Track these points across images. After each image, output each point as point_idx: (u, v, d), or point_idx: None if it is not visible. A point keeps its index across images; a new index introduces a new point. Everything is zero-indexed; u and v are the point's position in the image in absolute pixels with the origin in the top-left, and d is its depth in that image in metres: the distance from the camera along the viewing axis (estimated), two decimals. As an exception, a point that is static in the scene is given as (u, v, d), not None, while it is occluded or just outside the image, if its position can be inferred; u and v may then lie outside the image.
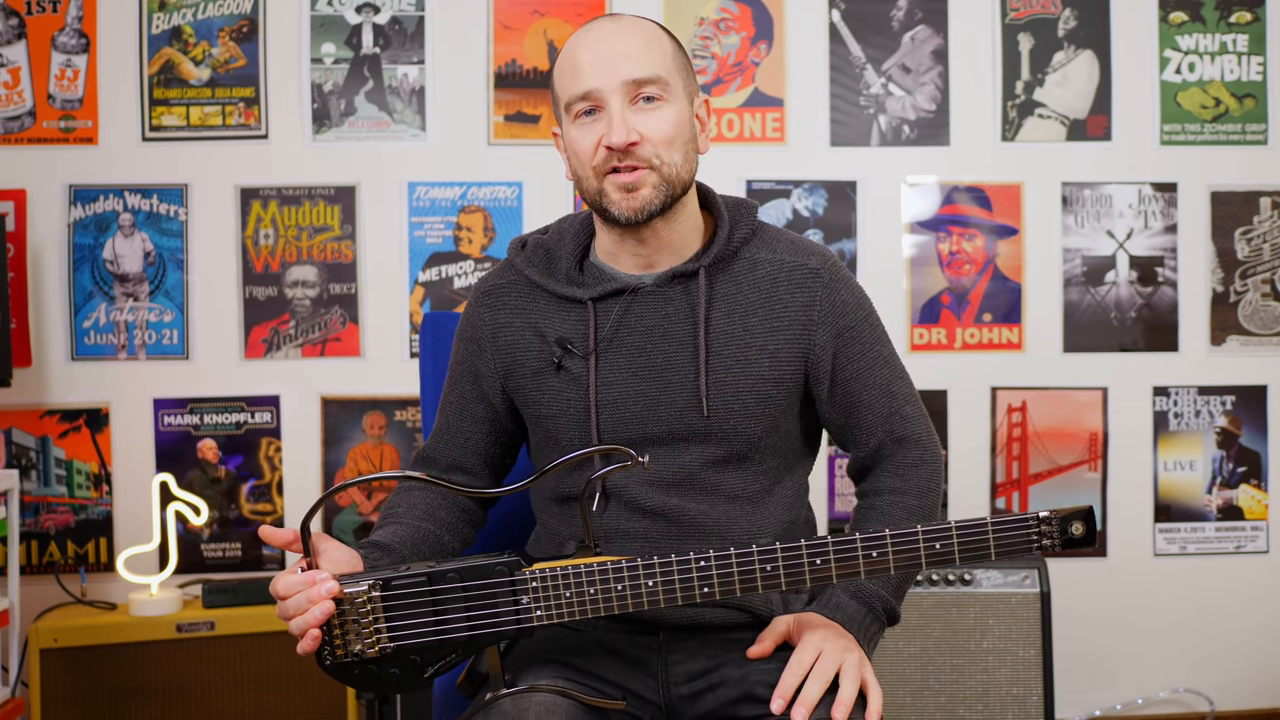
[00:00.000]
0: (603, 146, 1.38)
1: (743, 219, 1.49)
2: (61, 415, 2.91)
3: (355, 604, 1.28)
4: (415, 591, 1.28)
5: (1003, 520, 1.24)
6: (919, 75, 3.08)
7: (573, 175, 1.45)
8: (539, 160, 2.99)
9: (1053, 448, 3.10)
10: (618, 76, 1.37)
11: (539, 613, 1.28)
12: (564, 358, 1.45)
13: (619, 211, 1.39)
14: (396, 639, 1.28)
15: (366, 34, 2.99)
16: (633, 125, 1.37)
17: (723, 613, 1.44)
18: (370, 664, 1.29)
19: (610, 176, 1.39)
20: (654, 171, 1.38)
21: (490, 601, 1.28)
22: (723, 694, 1.40)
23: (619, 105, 1.37)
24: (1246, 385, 3.13)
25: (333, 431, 2.98)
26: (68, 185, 2.92)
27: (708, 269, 1.45)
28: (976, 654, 2.60)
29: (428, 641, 1.28)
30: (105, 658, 2.57)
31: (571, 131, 1.42)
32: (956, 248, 3.09)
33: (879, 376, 1.49)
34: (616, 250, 1.47)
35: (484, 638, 1.28)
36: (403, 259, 3.00)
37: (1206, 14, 3.11)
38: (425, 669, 1.29)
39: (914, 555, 1.25)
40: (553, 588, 1.28)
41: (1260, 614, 3.12)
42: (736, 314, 1.44)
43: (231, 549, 2.96)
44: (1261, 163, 3.12)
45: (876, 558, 1.25)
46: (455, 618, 1.28)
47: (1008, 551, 1.24)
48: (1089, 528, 1.23)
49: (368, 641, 1.28)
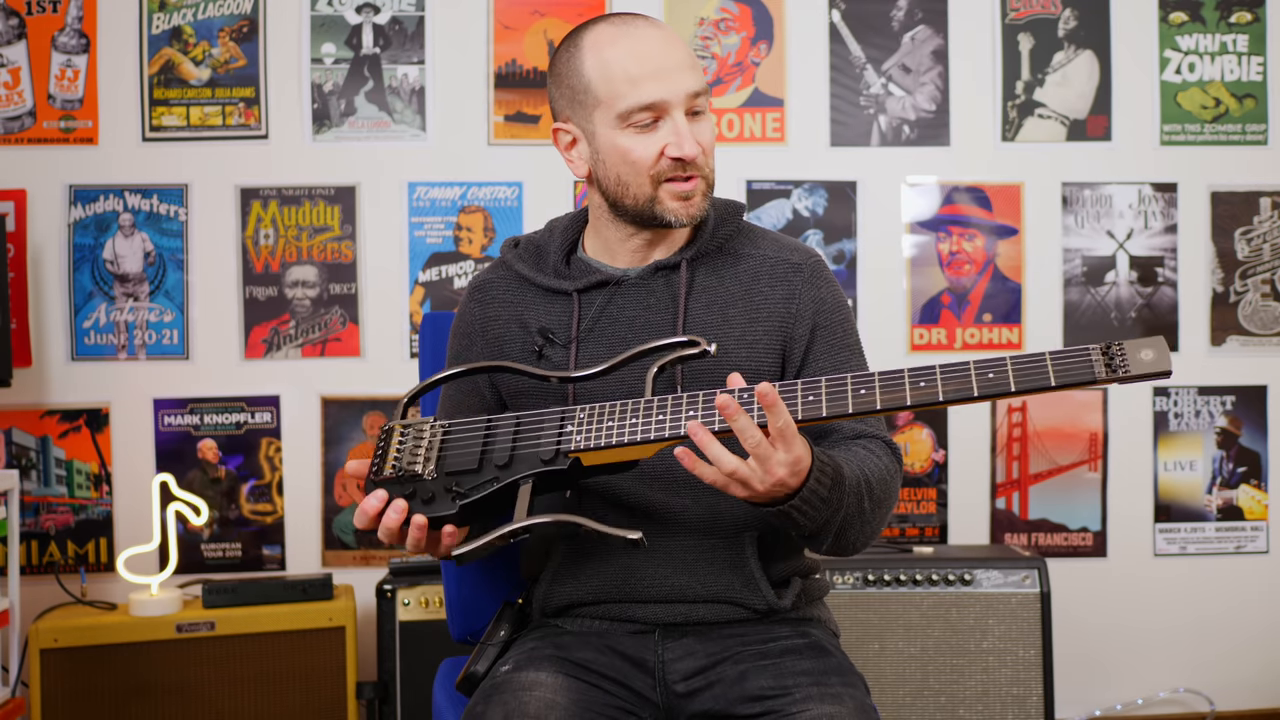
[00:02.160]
0: (668, 156, 1.41)
1: (729, 217, 1.52)
2: (62, 415, 2.91)
3: (417, 429, 1.37)
4: (474, 430, 1.36)
5: (1062, 352, 1.18)
6: (919, 75, 3.08)
7: (608, 178, 1.45)
8: (539, 160, 2.99)
9: (1053, 448, 3.10)
10: (682, 89, 1.41)
11: (579, 438, 1.31)
12: (544, 347, 1.48)
13: (676, 218, 1.44)
14: (441, 463, 1.34)
15: (366, 34, 2.99)
16: (695, 138, 1.42)
17: (717, 609, 1.45)
18: (408, 482, 1.33)
19: (669, 184, 1.43)
20: (704, 180, 1.44)
21: (536, 429, 1.34)
22: (720, 692, 1.40)
23: (683, 117, 1.42)
24: (1246, 385, 3.13)
25: (333, 431, 2.98)
26: (68, 185, 2.92)
27: (690, 261, 1.48)
28: (976, 654, 2.60)
29: (468, 465, 1.33)
30: (105, 658, 2.57)
31: (622, 139, 1.42)
32: (956, 248, 3.09)
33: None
34: (618, 247, 1.50)
35: (523, 461, 1.31)
36: (403, 259, 3.00)
37: (1206, 14, 3.11)
38: (461, 496, 1.31)
39: (965, 383, 1.19)
40: (598, 417, 1.32)
41: (1260, 614, 3.12)
42: (716, 305, 1.47)
43: (231, 549, 2.96)
44: (1261, 163, 3.12)
45: (924, 387, 1.20)
46: (502, 444, 1.33)
47: (1069, 381, 1.15)
48: (1160, 354, 1.13)
49: (414, 460, 1.34)
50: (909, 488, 3.08)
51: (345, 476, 1.40)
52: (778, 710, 1.34)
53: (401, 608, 2.61)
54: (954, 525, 3.09)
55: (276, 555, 2.97)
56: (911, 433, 3.08)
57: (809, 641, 1.45)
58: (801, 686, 1.36)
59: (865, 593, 2.61)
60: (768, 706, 1.35)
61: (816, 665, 1.40)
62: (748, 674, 1.39)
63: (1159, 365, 1.12)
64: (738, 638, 1.44)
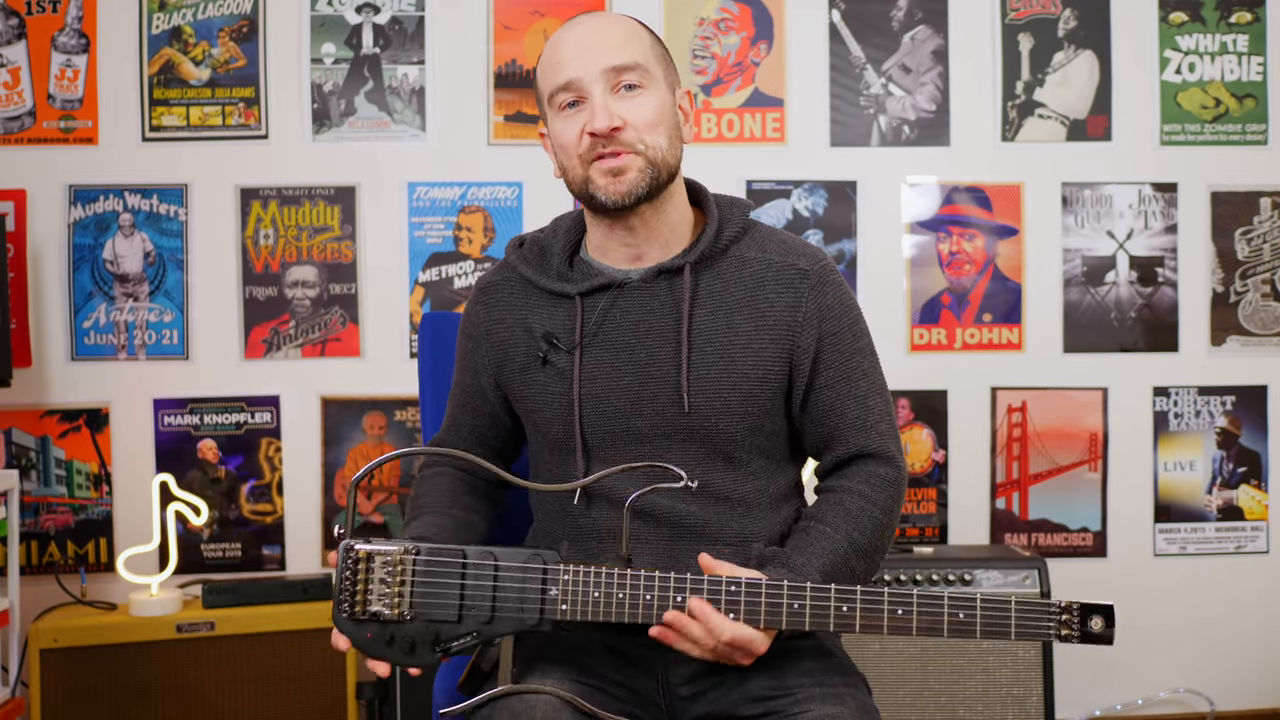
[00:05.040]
0: (586, 133, 1.40)
1: (733, 217, 1.49)
2: (61, 415, 2.91)
3: (388, 562, 1.27)
4: (448, 564, 1.29)
5: (1027, 604, 1.27)
6: (919, 75, 3.08)
7: (560, 169, 1.47)
8: (539, 160, 2.99)
9: (1053, 448, 3.10)
10: (598, 65, 1.40)
11: (564, 607, 1.29)
12: (549, 352, 1.47)
13: (606, 196, 1.41)
14: (418, 607, 1.28)
15: (366, 34, 2.98)
16: (615, 111, 1.39)
17: None
18: (387, 626, 1.28)
19: (596, 163, 1.41)
20: (639, 156, 1.40)
21: (519, 587, 1.29)
22: (722, 693, 1.40)
23: (600, 93, 1.39)
24: (1246, 385, 3.13)
25: (333, 432, 2.98)
26: (68, 185, 2.92)
27: (694, 265, 1.45)
28: (976, 654, 2.60)
29: (448, 616, 1.28)
30: (105, 658, 2.57)
31: (555, 124, 1.44)
32: (956, 248, 3.09)
33: (856, 388, 1.47)
34: (606, 243, 1.49)
35: (505, 622, 1.29)
36: (403, 259, 3.00)
37: (1206, 14, 3.11)
38: (438, 645, 1.29)
39: (938, 620, 1.28)
40: (583, 585, 1.29)
41: (1260, 614, 3.12)
42: (721, 311, 1.44)
43: (231, 549, 2.96)
44: (1261, 163, 3.12)
45: (901, 615, 1.28)
46: (481, 597, 1.29)
47: (1027, 635, 1.27)
48: (1108, 624, 1.24)
49: (389, 603, 1.28)
50: (909, 488, 3.07)
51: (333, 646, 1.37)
52: (780, 711, 1.34)
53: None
54: (954, 525, 3.09)
55: (276, 555, 2.97)
56: (912, 433, 3.08)
57: (811, 643, 1.44)
58: (804, 687, 1.36)
59: (865, 593, 2.61)
60: (769, 707, 1.35)
61: (818, 666, 1.40)
62: (750, 675, 1.39)
63: (1105, 635, 1.25)
64: None
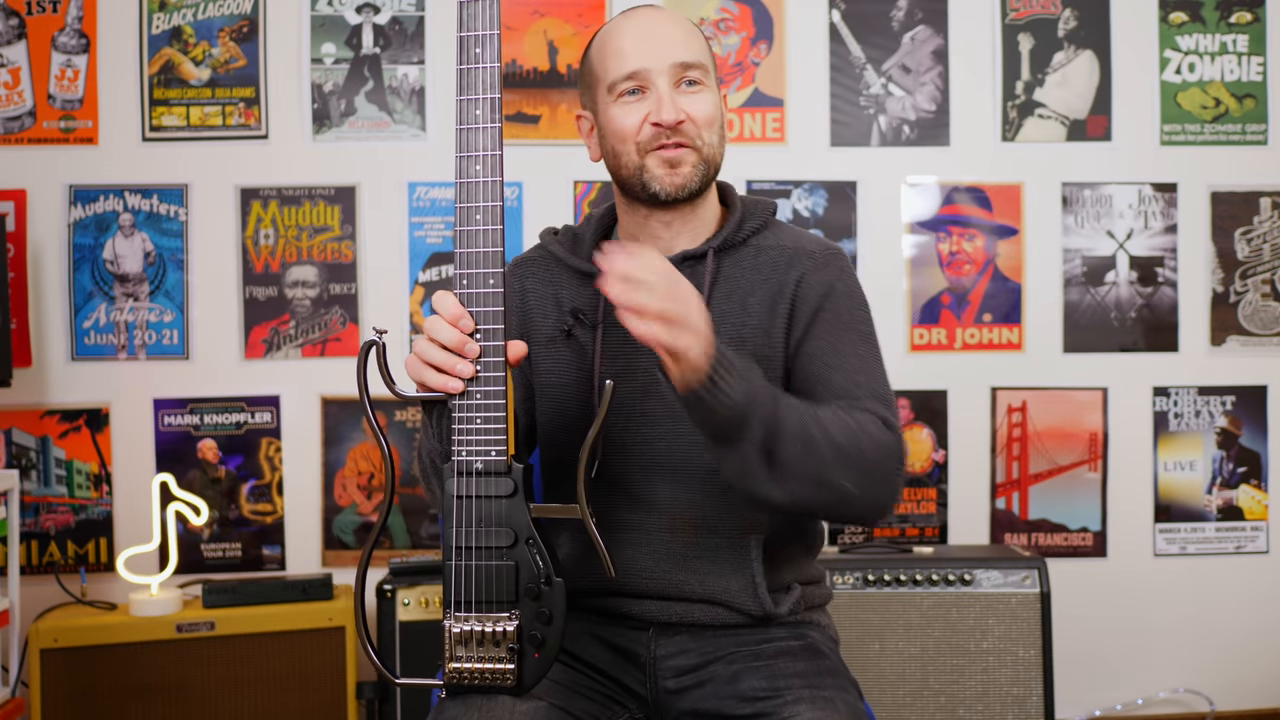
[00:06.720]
0: (649, 124, 1.42)
1: (757, 212, 1.53)
2: (61, 415, 2.91)
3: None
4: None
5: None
6: (919, 75, 3.08)
7: (607, 154, 1.48)
8: (539, 160, 2.99)
9: (1053, 448, 3.10)
10: (665, 59, 1.42)
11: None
12: (574, 326, 1.49)
13: (661, 187, 1.43)
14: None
15: (366, 34, 2.99)
16: (680, 105, 1.42)
17: (712, 611, 1.44)
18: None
19: (654, 153, 1.43)
20: (695, 151, 1.43)
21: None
22: (711, 690, 1.40)
23: (666, 86, 1.42)
24: (1246, 385, 3.13)
25: (333, 431, 2.98)
26: (68, 185, 2.92)
27: (716, 251, 1.48)
28: (976, 654, 2.60)
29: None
30: (105, 658, 2.57)
31: (613, 110, 1.45)
32: (956, 248, 3.09)
33: (845, 362, 1.43)
34: (639, 233, 1.51)
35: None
36: (403, 259, 3.00)
37: (1206, 14, 3.11)
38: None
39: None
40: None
41: (1260, 614, 3.12)
42: (737, 295, 1.47)
43: (231, 549, 2.96)
44: (1261, 163, 3.12)
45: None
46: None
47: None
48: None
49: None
50: (909, 487, 3.08)
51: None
52: (768, 713, 1.34)
53: (401, 608, 2.61)
54: (954, 525, 3.09)
55: (276, 555, 2.97)
56: (912, 433, 3.08)
57: (804, 644, 1.44)
58: (794, 688, 1.35)
59: (865, 593, 2.61)
60: (759, 708, 1.35)
61: (810, 667, 1.40)
62: (740, 674, 1.39)
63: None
64: (731, 638, 1.44)
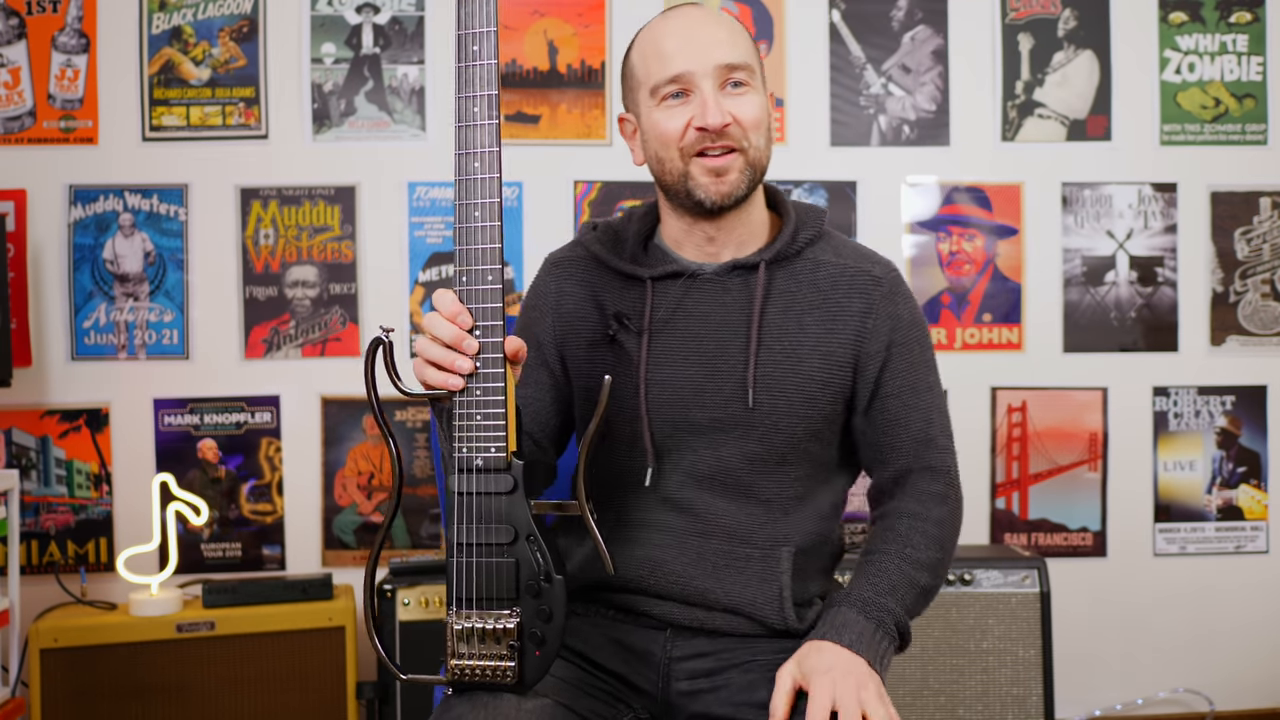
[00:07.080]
0: (694, 128, 1.39)
1: (810, 221, 1.50)
2: (61, 415, 2.91)
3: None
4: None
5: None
6: (919, 75, 3.08)
7: (650, 159, 1.45)
8: (539, 160, 2.99)
9: (1053, 448, 3.10)
10: (710, 61, 1.38)
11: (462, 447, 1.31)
12: (619, 332, 1.46)
13: (706, 195, 1.40)
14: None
15: (366, 34, 2.99)
16: (725, 108, 1.38)
17: (733, 620, 1.43)
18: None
19: (698, 159, 1.40)
20: (741, 155, 1.40)
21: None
22: (725, 696, 1.39)
23: (711, 88, 1.38)
24: (1246, 385, 3.13)
25: (333, 431, 2.98)
26: (68, 185, 2.92)
27: (769, 263, 1.45)
28: (976, 654, 2.60)
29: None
30: (105, 658, 2.57)
31: (656, 114, 1.42)
32: (956, 248, 3.09)
33: (921, 400, 1.47)
34: (684, 237, 1.48)
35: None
36: (403, 259, 3.00)
37: (1206, 14, 3.11)
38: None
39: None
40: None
41: (1260, 614, 3.12)
42: (792, 311, 1.44)
43: (231, 549, 2.96)
44: (1261, 163, 3.12)
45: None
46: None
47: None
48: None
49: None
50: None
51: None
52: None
53: (401, 607, 2.61)
54: (954, 525, 3.09)
55: (276, 555, 2.97)
56: (911, 433, 3.07)
57: None
58: None
59: (865, 593, 2.61)
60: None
61: None
62: (757, 684, 1.37)
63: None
64: (749, 647, 1.42)
